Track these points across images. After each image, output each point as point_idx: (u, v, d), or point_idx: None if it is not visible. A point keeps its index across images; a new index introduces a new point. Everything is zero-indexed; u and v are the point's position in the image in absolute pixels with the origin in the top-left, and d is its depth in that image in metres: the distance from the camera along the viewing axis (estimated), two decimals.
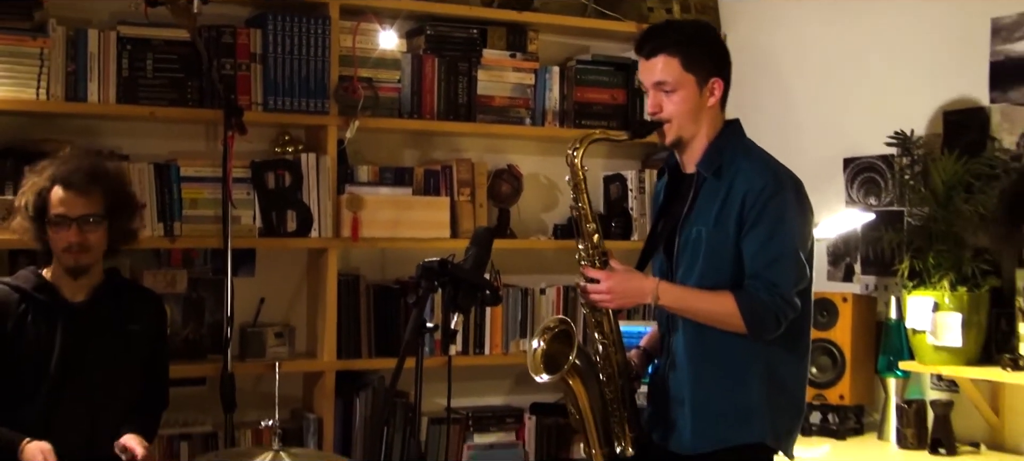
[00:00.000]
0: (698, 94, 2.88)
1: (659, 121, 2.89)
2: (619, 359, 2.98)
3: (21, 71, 3.59)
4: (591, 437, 2.97)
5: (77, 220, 3.11)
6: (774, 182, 2.83)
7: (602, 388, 2.95)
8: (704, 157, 2.90)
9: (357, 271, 4.21)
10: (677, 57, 2.85)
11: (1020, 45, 3.58)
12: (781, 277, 2.78)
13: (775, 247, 2.79)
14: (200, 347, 3.93)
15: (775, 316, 2.77)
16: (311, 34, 3.96)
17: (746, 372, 2.84)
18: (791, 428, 2.94)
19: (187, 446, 3.87)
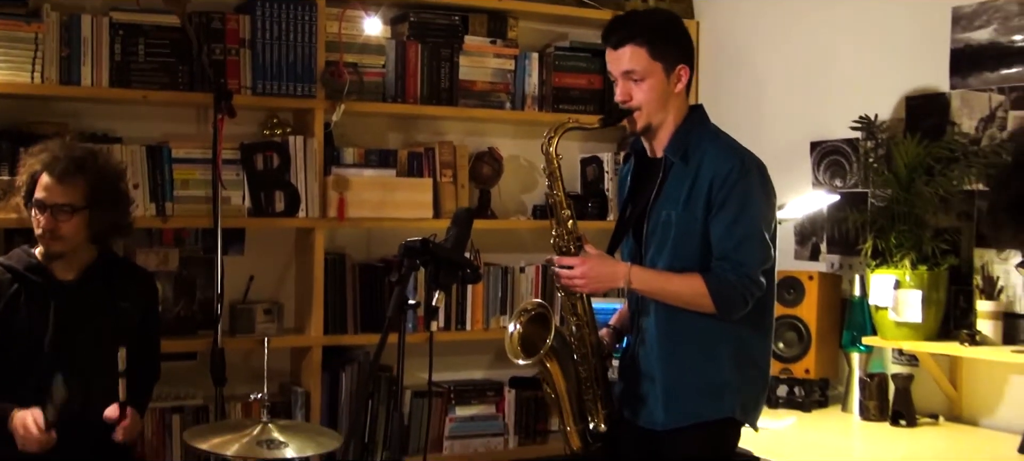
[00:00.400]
0: (666, 81, 2.88)
1: (629, 110, 2.90)
2: (592, 339, 2.98)
3: (16, 55, 3.57)
4: (566, 414, 2.98)
5: (52, 207, 3.10)
6: (740, 166, 2.83)
7: (577, 367, 2.96)
8: (671, 142, 2.90)
9: (343, 250, 4.21)
10: (644, 46, 2.85)
11: (979, 33, 3.60)
12: (747, 257, 2.79)
13: (741, 229, 2.79)
14: (191, 323, 3.92)
15: (742, 296, 2.78)
16: (298, 20, 3.95)
17: (717, 350, 2.86)
18: (757, 401, 2.96)
19: (179, 418, 3.86)
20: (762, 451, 3.28)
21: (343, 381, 4.13)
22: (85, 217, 3.15)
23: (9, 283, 3.15)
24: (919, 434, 3.54)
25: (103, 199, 3.19)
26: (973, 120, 3.61)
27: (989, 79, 3.57)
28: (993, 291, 3.46)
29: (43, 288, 3.17)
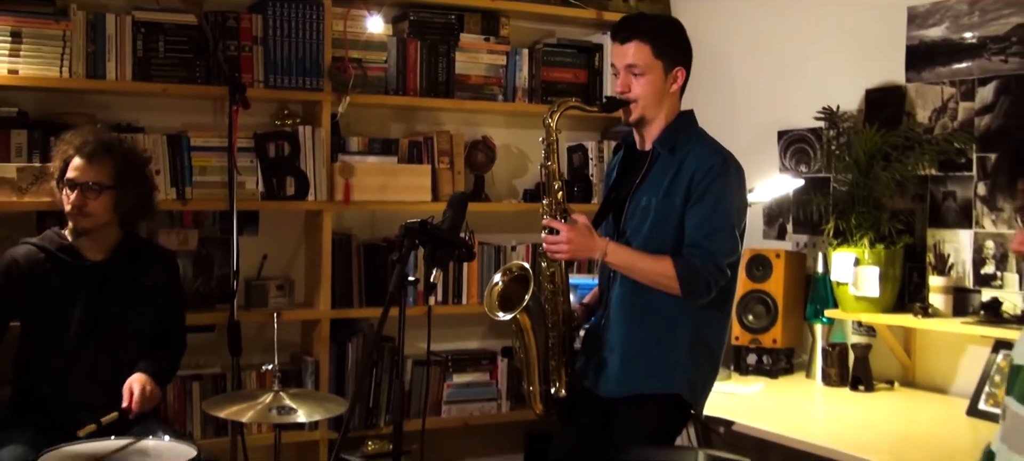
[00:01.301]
0: (663, 80, 2.89)
1: (626, 100, 2.89)
2: (565, 308, 2.99)
3: (46, 51, 3.56)
4: (532, 375, 2.99)
5: (81, 185, 3.10)
6: (721, 165, 2.84)
7: (548, 332, 2.96)
8: (661, 136, 2.91)
9: (349, 231, 4.20)
10: (649, 44, 2.86)
11: (933, 31, 3.60)
12: (717, 247, 2.79)
13: (714, 221, 2.80)
14: (209, 298, 3.92)
15: (706, 282, 2.78)
16: (307, 19, 3.93)
17: (674, 331, 2.86)
18: (706, 384, 2.96)
19: (198, 386, 3.86)
20: (733, 414, 3.29)
21: (349, 351, 4.13)
22: (112, 196, 3.15)
23: (41, 262, 3.14)
24: (876, 398, 3.55)
25: (128, 180, 3.18)
26: (927, 111, 3.61)
27: (941, 73, 3.57)
28: (944, 268, 3.46)
29: (73, 267, 3.16)
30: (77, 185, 3.10)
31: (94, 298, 3.15)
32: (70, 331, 3.12)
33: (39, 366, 3.13)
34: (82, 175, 3.11)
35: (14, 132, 3.56)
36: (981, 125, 3.45)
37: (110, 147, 3.16)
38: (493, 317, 2.93)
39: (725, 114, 4.17)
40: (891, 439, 3.07)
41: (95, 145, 3.13)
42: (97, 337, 3.14)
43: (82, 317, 3.13)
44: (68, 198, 3.12)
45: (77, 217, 3.13)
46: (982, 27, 3.45)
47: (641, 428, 2.86)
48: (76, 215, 3.12)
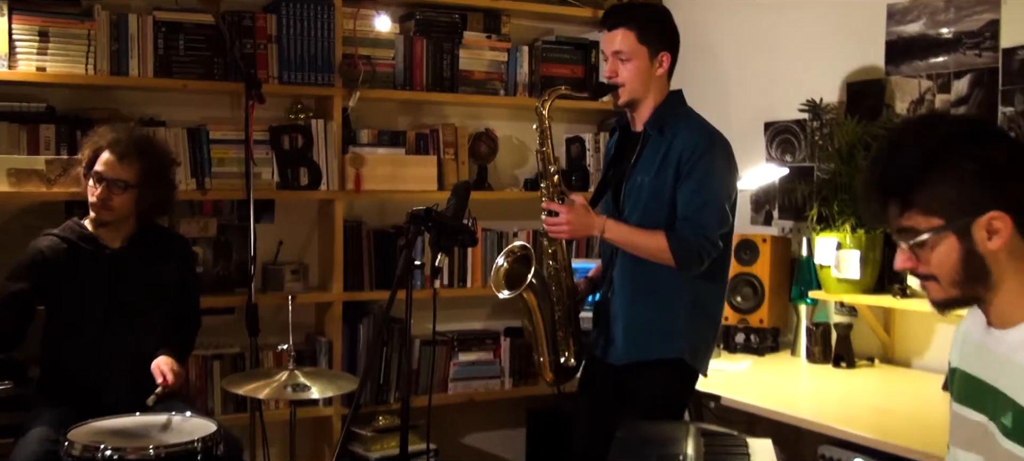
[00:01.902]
0: (649, 64, 2.88)
1: (615, 85, 2.89)
2: (568, 284, 2.99)
3: (73, 50, 3.55)
4: (541, 347, 3.00)
5: (109, 181, 3.09)
6: (706, 142, 2.83)
7: (553, 307, 2.97)
8: (651, 117, 2.91)
9: (360, 218, 4.20)
10: (633, 31, 2.86)
11: (911, 27, 3.58)
12: (706, 221, 2.79)
13: (702, 196, 2.79)
14: (228, 282, 3.92)
15: (698, 254, 2.79)
16: (318, 18, 3.92)
17: (674, 299, 2.86)
18: (708, 348, 2.97)
19: (219, 364, 3.86)
20: (722, 390, 3.29)
21: (360, 332, 4.12)
22: (135, 194, 3.14)
23: (64, 252, 3.14)
24: (857, 374, 3.56)
25: (153, 181, 3.18)
26: (905, 102, 3.60)
27: (919, 67, 3.56)
28: None
29: (94, 255, 3.15)
30: (104, 180, 3.09)
31: (114, 284, 3.14)
32: (93, 315, 3.12)
33: (64, 348, 3.13)
34: (110, 171, 3.09)
35: (42, 126, 3.55)
36: None
37: (142, 149, 3.15)
38: (499, 295, 2.93)
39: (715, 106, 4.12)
40: (872, 412, 3.07)
41: (128, 145, 3.12)
42: (118, 320, 3.14)
43: (104, 302, 3.13)
44: (94, 190, 3.11)
45: (100, 209, 3.12)
46: (957, 23, 3.44)
47: (649, 392, 2.88)
48: (99, 208, 3.12)
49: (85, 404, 2.94)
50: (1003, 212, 1.60)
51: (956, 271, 1.64)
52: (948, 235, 1.63)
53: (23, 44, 3.47)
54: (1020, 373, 1.61)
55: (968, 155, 1.61)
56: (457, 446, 4.51)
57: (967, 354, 1.78)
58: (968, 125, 1.71)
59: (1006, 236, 1.61)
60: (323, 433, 4.10)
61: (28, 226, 3.49)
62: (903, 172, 1.64)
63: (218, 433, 2.77)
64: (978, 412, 1.71)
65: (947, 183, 1.61)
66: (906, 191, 1.63)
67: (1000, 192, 1.61)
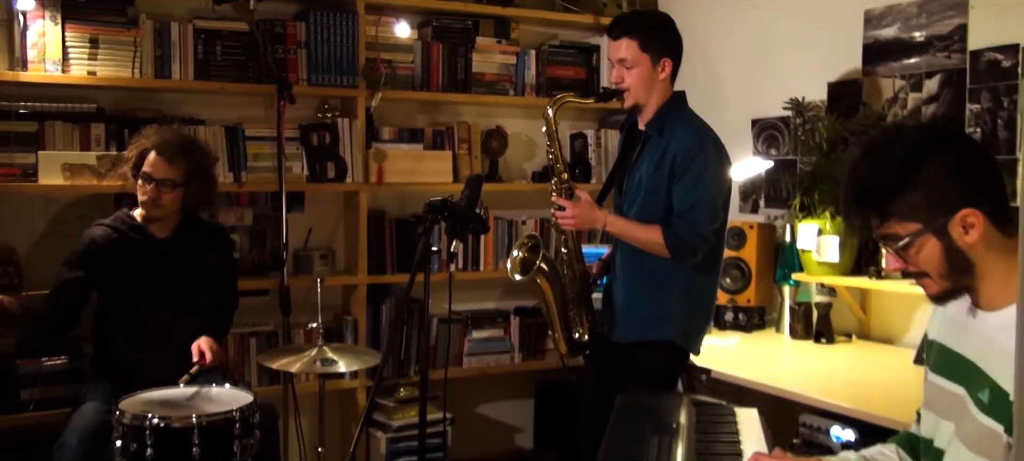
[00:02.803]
0: (652, 70, 2.87)
1: (620, 90, 2.89)
2: (579, 268, 3.00)
3: (120, 55, 3.56)
4: (555, 325, 3.01)
5: (157, 181, 3.09)
6: (699, 144, 2.83)
7: (565, 289, 2.98)
8: (652, 118, 2.90)
9: (382, 208, 4.20)
10: (636, 40, 2.85)
11: (885, 31, 3.57)
12: (698, 218, 2.79)
13: (695, 194, 2.79)
14: (263, 266, 3.94)
15: (691, 248, 2.79)
16: (344, 26, 3.92)
17: (668, 287, 2.86)
18: (699, 331, 2.97)
19: (254, 341, 3.88)
20: (713, 364, 3.29)
21: (383, 311, 4.14)
22: (181, 192, 3.15)
23: (115, 241, 3.15)
24: (836, 349, 3.56)
25: (197, 179, 3.18)
26: (881, 101, 3.59)
27: (893, 68, 3.55)
28: None
29: (142, 243, 3.17)
30: (153, 180, 3.09)
31: (160, 270, 3.16)
32: (141, 299, 3.14)
33: (114, 329, 3.15)
34: (158, 172, 3.09)
35: (93, 125, 3.56)
36: (927, 113, 3.43)
37: (186, 150, 3.15)
38: (513, 279, 2.94)
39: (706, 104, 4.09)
40: (849, 384, 3.08)
41: (174, 147, 3.11)
42: (164, 303, 3.16)
43: (151, 287, 3.15)
44: (143, 189, 3.11)
45: (150, 207, 3.13)
46: (929, 27, 3.43)
47: (644, 369, 2.89)
48: (150, 206, 3.12)
49: (133, 379, 2.97)
50: (973, 208, 1.60)
51: (942, 266, 1.64)
52: (928, 236, 1.63)
53: (75, 50, 3.49)
54: (1000, 354, 1.60)
55: (932, 161, 1.61)
56: (471, 415, 4.53)
57: (946, 329, 1.78)
58: (926, 133, 1.70)
59: (981, 229, 1.61)
60: (349, 404, 4.13)
61: (82, 216, 3.52)
62: (876, 188, 1.64)
63: (254, 403, 2.80)
64: (955, 383, 1.71)
65: (918, 191, 1.61)
66: (883, 205, 1.64)
67: (967, 190, 1.61)
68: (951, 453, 1.68)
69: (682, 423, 2.08)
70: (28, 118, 3.46)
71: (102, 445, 2.81)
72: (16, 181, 3.42)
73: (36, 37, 3.42)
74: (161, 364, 3.09)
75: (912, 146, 1.63)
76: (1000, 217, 1.63)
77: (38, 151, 3.44)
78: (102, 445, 2.81)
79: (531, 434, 4.66)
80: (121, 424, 2.65)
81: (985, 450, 1.59)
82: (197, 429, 2.64)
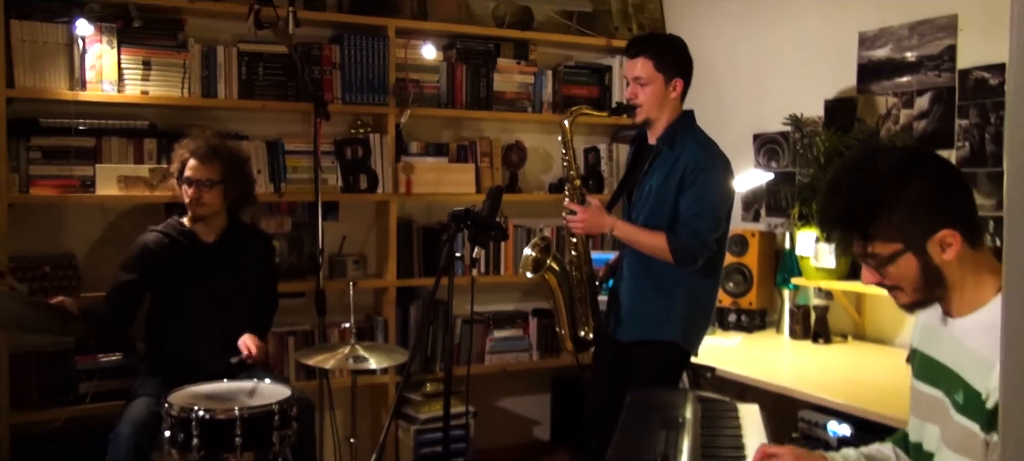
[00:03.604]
0: (664, 88, 2.86)
1: (633, 105, 2.88)
2: (587, 270, 3.00)
3: (170, 76, 3.59)
4: (562, 322, 3.00)
5: (197, 182, 3.11)
6: (708, 159, 2.82)
7: (573, 289, 2.97)
8: (663, 134, 2.89)
9: (410, 216, 4.21)
10: (652, 59, 2.85)
11: (878, 51, 3.54)
12: (701, 226, 2.78)
13: (700, 205, 2.78)
14: (300, 270, 3.95)
15: (693, 254, 2.77)
16: (375, 48, 3.94)
17: (671, 290, 2.85)
18: (699, 333, 2.95)
19: (292, 340, 3.90)
20: (717, 362, 3.28)
21: (411, 312, 4.15)
22: (221, 189, 3.17)
23: (166, 246, 3.18)
24: (833, 349, 3.53)
25: (234, 175, 3.20)
26: (874, 117, 3.56)
27: (886, 86, 3.52)
28: None
29: (190, 248, 3.19)
30: (193, 182, 3.13)
31: (208, 272, 3.18)
32: (190, 299, 3.16)
33: (165, 327, 3.17)
34: (197, 173, 3.13)
35: (146, 140, 3.60)
36: (919, 128, 3.40)
37: (217, 149, 3.18)
38: (526, 275, 2.94)
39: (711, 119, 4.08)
40: (845, 382, 3.05)
41: (206, 149, 3.15)
42: (211, 303, 3.17)
43: (198, 288, 3.16)
44: (187, 193, 3.14)
45: (195, 207, 3.16)
46: (920, 48, 3.39)
47: (647, 367, 2.87)
48: (194, 205, 3.15)
49: (182, 374, 2.99)
50: (951, 229, 1.58)
51: (917, 281, 1.62)
52: (908, 255, 1.60)
53: (130, 72, 3.52)
54: (968, 356, 1.59)
55: (912, 184, 1.58)
56: (492, 408, 4.53)
57: (925, 338, 1.76)
58: (901, 156, 1.67)
59: (957, 248, 1.59)
60: (380, 398, 4.13)
61: (135, 223, 3.55)
62: (858, 211, 1.61)
63: (292, 397, 2.80)
64: (935, 388, 1.69)
65: (899, 214, 1.58)
66: (865, 227, 1.61)
67: (946, 210, 1.59)
68: (940, 456, 1.66)
69: (688, 418, 2.06)
70: (86, 134, 3.49)
71: (152, 436, 2.82)
72: (76, 192, 3.45)
73: (94, 59, 3.45)
74: (208, 360, 3.10)
75: (892, 169, 1.60)
76: (972, 235, 1.61)
77: (96, 164, 3.48)
78: (152, 436, 2.82)
79: (548, 426, 4.65)
80: (170, 416, 2.66)
81: (966, 449, 1.57)
82: (239, 421, 2.64)
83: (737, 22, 4.24)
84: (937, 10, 3.33)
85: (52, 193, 3.42)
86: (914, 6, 3.41)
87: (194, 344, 3.14)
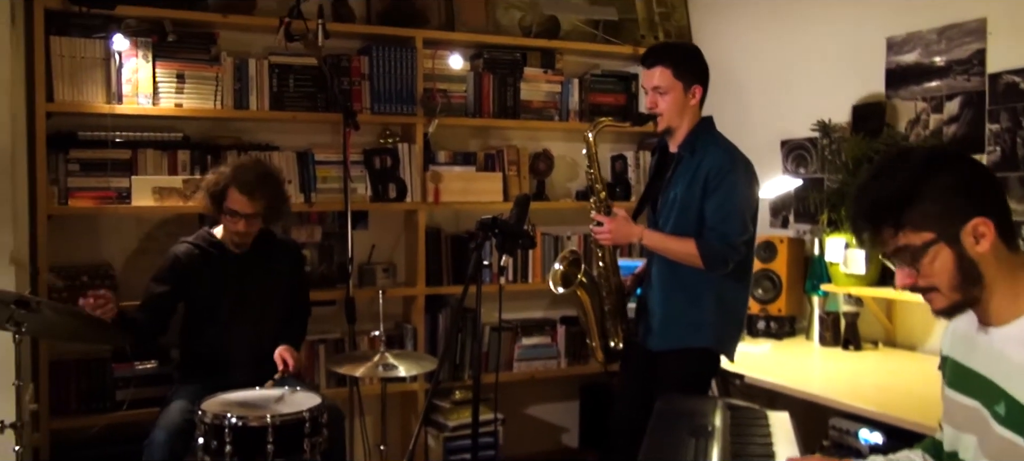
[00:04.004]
0: (683, 96, 2.86)
1: (654, 114, 2.88)
2: (615, 281, 2.98)
3: (203, 89, 3.63)
4: (593, 334, 3.00)
5: (244, 216, 3.11)
6: (730, 163, 2.81)
7: (602, 301, 2.96)
8: (684, 141, 2.88)
9: (438, 225, 4.22)
10: (670, 68, 2.84)
11: (907, 56, 3.50)
12: (730, 230, 2.77)
13: (726, 209, 2.77)
14: (331, 279, 3.97)
15: (723, 258, 2.76)
16: (403, 59, 3.96)
17: (702, 296, 2.83)
18: (733, 337, 2.93)
19: (323, 347, 3.93)
20: (746, 369, 3.25)
21: (440, 320, 4.15)
22: (262, 219, 3.18)
23: (198, 256, 3.20)
24: (863, 356, 3.49)
25: (276, 205, 3.19)
26: (903, 122, 3.52)
27: (915, 91, 3.48)
28: None
29: (221, 258, 3.21)
30: (240, 216, 3.09)
31: (239, 282, 3.20)
32: (221, 309, 3.18)
33: (198, 336, 3.20)
34: (244, 208, 3.08)
35: (180, 152, 3.64)
36: (948, 133, 3.35)
37: (265, 182, 3.13)
38: (555, 292, 2.94)
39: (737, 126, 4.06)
40: (876, 390, 3.01)
41: (255, 183, 3.09)
42: (242, 313, 3.19)
43: (230, 298, 3.19)
44: (233, 224, 3.12)
45: (242, 238, 3.15)
46: (949, 52, 3.35)
47: (679, 374, 2.85)
48: (241, 238, 3.14)
49: (215, 381, 3.01)
50: (985, 217, 1.55)
51: (954, 277, 1.57)
52: (941, 245, 1.56)
53: (164, 85, 3.57)
54: (1010, 367, 1.55)
55: (942, 174, 1.56)
56: (521, 416, 4.52)
57: (957, 345, 1.73)
58: (934, 151, 1.66)
59: (991, 238, 1.55)
60: (409, 405, 4.14)
61: (169, 233, 3.59)
62: (891, 198, 1.58)
63: (322, 405, 2.82)
64: (971, 398, 1.66)
65: (931, 199, 1.55)
66: (897, 214, 1.57)
67: (979, 200, 1.56)
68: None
69: (717, 425, 2.05)
70: (123, 146, 3.55)
71: (186, 442, 2.85)
72: (112, 203, 3.50)
73: (130, 73, 3.51)
74: (240, 367, 3.12)
75: (923, 161, 1.59)
76: (1006, 232, 1.57)
77: (131, 176, 3.53)
78: (186, 442, 2.85)
79: (576, 434, 4.63)
80: (203, 423, 2.69)
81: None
82: (271, 428, 2.67)
83: (763, 28, 4.21)
84: (966, 14, 3.29)
85: (90, 204, 3.48)
86: (942, 10, 3.37)
87: (226, 352, 3.16)
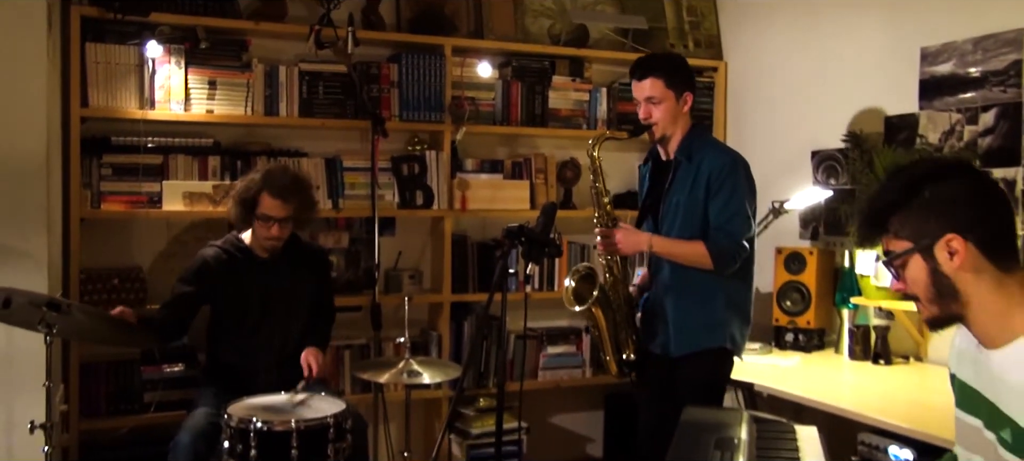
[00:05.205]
0: (676, 104, 2.90)
1: (649, 124, 2.90)
2: (625, 293, 2.99)
3: (234, 95, 3.65)
4: (606, 348, 3.00)
5: (277, 221, 3.12)
6: (731, 163, 2.85)
7: (614, 314, 2.95)
8: (680, 147, 2.91)
9: (465, 232, 4.21)
10: (662, 79, 2.88)
11: (941, 67, 3.44)
12: (736, 228, 2.81)
13: (731, 208, 2.81)
14: (357, 285, 3.97)
15: (732, 256, 2.80)
16: (432, 67, 3.96)
17: (713, 297, 2.86)
18: (743, 335, 2.95)
19: (349, 353, 3.92)
20: (774, 383, 3.20)
21: (465, 328, 4.14)
22: (293, 224, 3.19)
23: (225, 261, 3.21)
24: (893, 371, 3.42)
25: (306, 210, 3.22)
26: (937, 134, 3.45)
27: (949, 102, 3.41)
28: None
29: (248, 263, 3.22)
30: (273, 220, 3.11)
31: (265, 287, 3.21)
32: (247, 313, 3.19)
33: (224, 340, 3.21)
34: (277, 213, 3.10)
35: (210, 158, 3.66)
36: (983, 145, 3.28)
37: (297, 189, 3.15)
38: (570, 310, 2.93)
39: (767, 137, 4.05)
40: (907, 405, 2.95)
41: (287, 188, 3.11)
42: (268, 317, 3.20)
43: (255, 302, 3.19)
44: (265, 228, 3.13)
45: (274, 243, 3.16)
46: (984, 63, 3.28)
47: (699, 377, 2.86)
48: (273, 242, 3.15)
49: (241, 385, 3.02)
50: (958, 234, 1.54)
51: (928, 289, 1.59)
52: (916, 256, 1.59)
53: (196, 91, 3.59)
54: (1013, 393, 1.53)
55: (929, 187, 1.58)
56: (545, 424, 4.49)
57: (961, 363, 1.72)
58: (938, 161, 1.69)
59: (963, 256, 1.55)
60: (433, 412, 4.13)
61: (199, 238, 3.61)
62: (882, 205, 1.63)
63: (347, 410, 2.81)
64: (975, 417, 1.65)
65: (911, 211, 1.58)
66: (883, 221, 1.62)
67: (960, 217, 1.55)
68: None
69: (743, 438, 2.01)
70: (154, 152, 3.57)
71: (211, 445, 2.86)
72: (144, 207, 3.53)
73: (163, 80, 3.54)
74: (265, 372, 3.14)
75: (919, 173, 1.61)
76: (997, 251, 1.55)
77: (163, 181, 3.56)
78: (211, 445, 2.86)
79: (601, 443, 4.59)
80: (229, 427, 2.70)
81: None
82: (296, 433, 2.66)
83: (794, 37, 4.16)
84: (1002, 24, 3.22)
85: (121, 208, 3.50)
86: (979, 21, 3.30)
87: (252, 356, 3.17)
